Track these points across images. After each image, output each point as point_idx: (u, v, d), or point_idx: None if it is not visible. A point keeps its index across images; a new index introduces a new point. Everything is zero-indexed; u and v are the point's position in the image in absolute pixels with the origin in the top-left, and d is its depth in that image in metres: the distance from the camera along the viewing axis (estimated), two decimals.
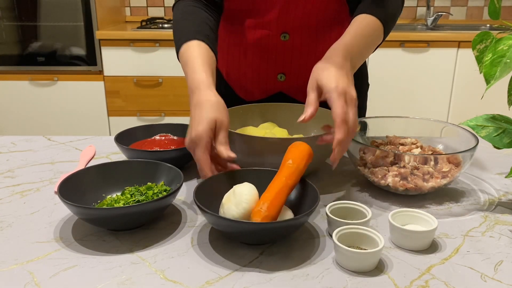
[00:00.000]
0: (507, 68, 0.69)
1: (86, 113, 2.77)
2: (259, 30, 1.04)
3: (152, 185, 0.77)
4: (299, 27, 1.02)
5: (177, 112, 2.75)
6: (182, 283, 0.60)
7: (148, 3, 3.19)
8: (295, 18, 1.01)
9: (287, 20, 1.01)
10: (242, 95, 1.15)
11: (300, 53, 1.05)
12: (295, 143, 0.76)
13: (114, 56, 2.66)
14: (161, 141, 0.97)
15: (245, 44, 1.07)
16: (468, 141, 0.85)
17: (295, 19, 1.01)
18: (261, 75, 1.10)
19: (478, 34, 0.76)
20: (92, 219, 0.68)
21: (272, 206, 0.65)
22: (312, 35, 1.04)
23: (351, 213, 0.73)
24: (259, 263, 0.64)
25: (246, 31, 1.06)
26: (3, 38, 2.68)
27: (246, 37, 1.06)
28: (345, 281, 0.60)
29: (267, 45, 1.05)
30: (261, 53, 1.07)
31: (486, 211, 0.79)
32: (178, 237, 0.70)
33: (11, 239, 0.70)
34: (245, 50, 1.08)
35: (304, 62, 1.07)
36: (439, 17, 3.01)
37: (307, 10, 1.00)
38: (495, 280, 0.60)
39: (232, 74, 1.13)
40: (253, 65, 1.09)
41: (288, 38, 1.04)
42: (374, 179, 0.84)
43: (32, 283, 0.59)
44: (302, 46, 1.05)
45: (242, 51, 1.09)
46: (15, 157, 1.02)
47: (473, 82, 2.63)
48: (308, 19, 1.02)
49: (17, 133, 2.81)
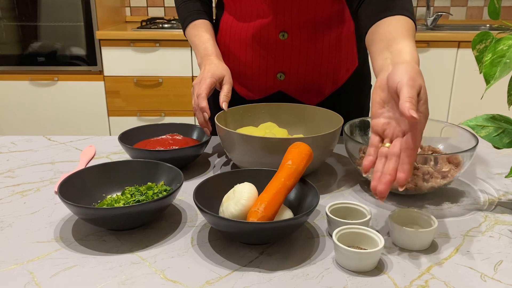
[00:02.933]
0: (507, 68, 0.69)
1: (86, 113, 2.77)
2: (257, 29, 1.04)
3: (152, 185, 0.77)
4: (297, 26, 1.02)
5: (177, 112, 2.75)
6: (182, 283, 0.60)
7: (148, 3, 3.19)
8: (292, 16, 1.01)
9: (285, 19, 1.02)
10: (243, 94, 1.15)
11: (299, 52, 1.06)
12: (295, 143, 0.76)
13: (114, 56, 2.66)
14: (166, 141, 0.97)
15: (245, 43, 1.08)
16: (468, 141, 0.85)
17: (292, 17, 1.01)
18: (261, 74, 1.10)
19: (478, 34, 0.76)
20: (92, 219, 0.68)
21: (269, 207, 0.65)
22: (311, 34, 1.04)
23: (351, 213, 0.73)
24: (259, 263, 0.64)
25: (245, 29, 1.06)
26: (3, 38, 2.68)
27: (245, 35, 1.07)
28: (345, 281, 0.60)
29: (266, 44, 1.06)
30: (260, 52, 1.07)
31: (486, 211, 0.79)
32: (178, 237, 0.70)
33: (11, 239, 0.70)
34: (244, 49, 1.09)
35: (304, 61, 1.07)
36: (439, 17, 3.02)
37: (303, 8, 1.00)
38: (495, 280, 0.61)
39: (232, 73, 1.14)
40: (253, 64, 1.10)
41: (287, 37, 1.04)
42: None
43: (32, 283, 0.60)
44: (301, 45, 1.05)
45: (242, 50, 1.09)
46: (15, 157, 1.02)
47: (473, 82, 2.63)
48: (305, 17, 1.02)
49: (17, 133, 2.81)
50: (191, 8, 1.11)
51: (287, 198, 0.73)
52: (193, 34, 1.08)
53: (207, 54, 1.02)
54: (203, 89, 0.93)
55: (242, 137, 0.84)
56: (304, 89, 1.11)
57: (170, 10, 3.19)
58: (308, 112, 1.02)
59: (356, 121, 0.96)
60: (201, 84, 0.94)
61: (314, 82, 1.09)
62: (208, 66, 0.98)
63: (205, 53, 1.02)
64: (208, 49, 1.03)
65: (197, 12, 1.10)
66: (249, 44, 1.07)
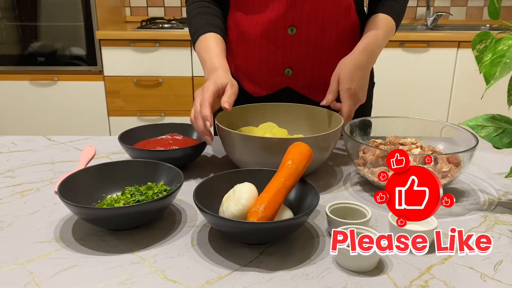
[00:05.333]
0: (507, 68, 0.69)
1: (86, 113, 2.77)
2: (266, 24, 1.04)
3: (152, 185, 0.77)
4: (306, 21, 1.03)
5: (177, 112, 2.75)
6: (182, 283, 0.60)
7: (148, 3, 3.18)
8: (303, 11, 1.01)
9: (294, 14, 1.02)
10: (250, 91, 1.15)
11: (307, 47, 1.06)
12: (295, 143, 0.76)
13: (114, 56, 2.66)
14: (166, 141, 0.97)
15: (253, 38, 1.08)
16: (468, 141, 0.85)
17: (303, 13, 1.02)
18: (268, 70, 1.10)
19: (478, 34, 0.76)
20: (92, 219, 0.69)
21: (269, 207, 0.65)
22: (319, 29, 1.04)
23: (351, 213, 0.73)
24: (259, 263, 0.64)
25: (254, 24, 1.06)
26: (3, 38, 2.68)
27: (254, 30, 1.06)
28: (345, 281, 0.60)
29: (274, 39, 1.06)
30: (268, 47, 1.07)
31: (486, 211, 0.79)
32: (178, 237, 0.70)
33: (11, 239, 0.70)
34: (253, 44, 1.09)
35: (311, 57, 1.07)
36: (439, 17, 3.01)
37: (314, 3, 1.01)
38: (495, 280, 0.61)
39: (240, 68, 1.14)
40: (261, 59, 1.10)
41: (295, 32, 1.04)
42: (374, 179, 0.84)
43: (32, 283, 0.60)
44: (309, 40, 1.05)
45: (250, 45, 1.09)
46: (15, 157, 1.02)
47: (473, 82, 2.63)
48: (316, 12, 1.02)
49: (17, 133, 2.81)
50: (202, 21, 1.06)
51: (287, 198, 0.73)
52: (202, 48, 1.03)
53: (214, 68, 0.97)
54: (207, 97, 0.88)
55: (242, 137, 0.84)
56: (311, 85, 1.11)
57: (170, 10, 3.19)
58: (308, 112, 1.02)
59: (356, 121, 0.96)
60: (204, 92, 0.90)
61: (321, 78, 1.09)
62: (213, 78, 0.94)
63: (212, 67, 0.98)
64: (215, 63, 0.98)
65: (208, 25, 1.05)
66: (258, 39, 1.07)
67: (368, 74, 1.01)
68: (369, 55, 1.00)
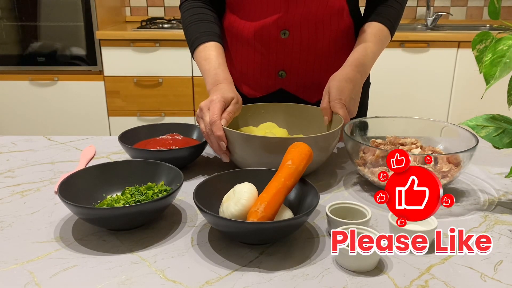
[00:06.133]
0: (507, 68, 0.69)
1: (86, 113, 2.77)
2: (259, 27, 1.04)
3: (152, 185, 0.77)
4: (298, 25, 1.03)
5: (177, 112, 2.75)
6: (182, 283, 0.60)
7: (148, 3, 3.18)
8: (295, 16, 1.02)
9: (287, 18, 1.02)
10: (244, 92, 1.15)
11: (300, 50, 1.06)
12: (295, 143, 0.76)
13: (114, 56, 2.66)
14: (166, 141, 0.97)
15: (246, 41, 1.08)
16: (468, 141, 0.85)
17: (295, 17, 1.02)
18: (262, 72, 1.11)
19: (478, 34, 0.76)
20: (92, 219, 0.69)
21: (269, 207, 0.65)
22: (312, 32, 1.04)
23: (351, 213, 0.73)
24: (259, 263, 0.64)
25: (247, 28, 1.06)
26: (3, 38, 2.68)
27: (247, 33, 1.07)
28: (345, 281, 0.60)
29: (267, 42, 1.06)
30: (261, 50, 1.07)
31: (486, 211, 0.79)
32: (178, 237, 0.70)
33: (11, 239, 0.70)
34: (246, 47, 1.09)
35: (305, 59, 1.07)
36: (439, 17, 3.01)
37: (306, 7, 1.01)
38: (495, 280, 0.61)
39: (234, 71, 1.14)
40: (254, 61, 1.10)
41: (288, 36, 1.04)
42: (374, 179, 0.84)
43: (32, 283, 0.60)
44: (302, 43, 1.05)
45: (243, 48, 1.10)
46: (15, 157, 1.02)
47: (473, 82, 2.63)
48: (308, 16, 1.02)
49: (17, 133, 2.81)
50: (201, 29, 1.04)
51: (287, 198, 0.73)
52: (202, 57, 1.01)
53: (218, 81, 0.96)
54: (216, 115, 0.86)
55: (242, 137, 0.84)
56: (304, 87, 1.11)
57: (170, 10, 3.19)
58: (308, 112, 1.02)
59: (356, 121, 0.96)
60: (212, 108, 0.87)
61: (315, 80, 1.10)
62: (218, 91, 0.92)
63: (216, 79, 0.97)
64: (219, 75, 0.97)
65: (207, 34, 1.03)
66: (251, 42, 1.07)
67: (359, 88, 1.00)
68: (359, 69, 0.99)
